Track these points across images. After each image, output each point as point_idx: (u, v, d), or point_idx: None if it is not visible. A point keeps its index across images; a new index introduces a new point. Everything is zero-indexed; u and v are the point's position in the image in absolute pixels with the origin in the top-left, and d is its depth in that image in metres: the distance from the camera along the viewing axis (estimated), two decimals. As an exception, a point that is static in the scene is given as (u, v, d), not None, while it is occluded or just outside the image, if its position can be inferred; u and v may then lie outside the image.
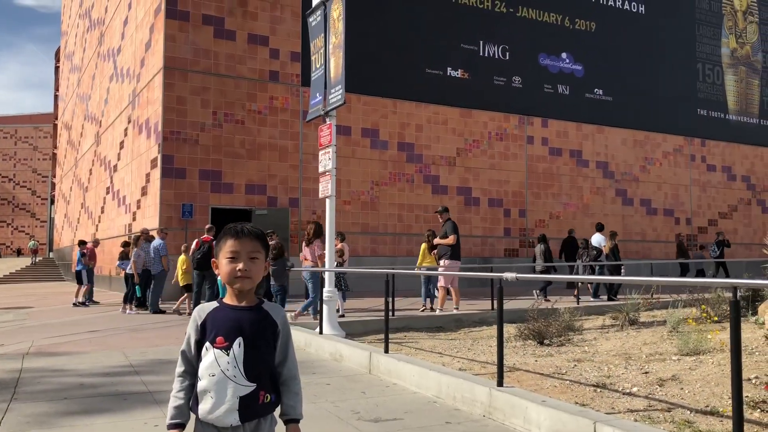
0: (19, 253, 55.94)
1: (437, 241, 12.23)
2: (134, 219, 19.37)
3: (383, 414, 4.93)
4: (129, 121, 20.73)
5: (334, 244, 9.80)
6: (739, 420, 3.38)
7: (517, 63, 22.18)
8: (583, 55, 23.61)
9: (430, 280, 12.65)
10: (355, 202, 19.15)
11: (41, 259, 43.04)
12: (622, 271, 16.03)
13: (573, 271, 16.01)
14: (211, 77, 17.44)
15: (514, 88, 22.13)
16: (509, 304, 11.28)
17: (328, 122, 9.43)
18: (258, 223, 16.32)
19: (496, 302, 5.46)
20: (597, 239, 16.13)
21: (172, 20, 17.09)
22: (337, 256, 11.11)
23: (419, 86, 20.39)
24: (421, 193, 20.23)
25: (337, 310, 10.32)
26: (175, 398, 2.20)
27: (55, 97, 49.46)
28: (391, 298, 8.06)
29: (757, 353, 6.26)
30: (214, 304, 2.27)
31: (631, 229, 24.03)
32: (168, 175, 16.77)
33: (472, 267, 17.96)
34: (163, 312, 13.36)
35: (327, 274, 9.28)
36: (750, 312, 8.66)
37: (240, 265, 2.22)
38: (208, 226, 13.46)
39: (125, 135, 21.22)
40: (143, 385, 6.03)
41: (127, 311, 13.61)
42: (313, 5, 10.18)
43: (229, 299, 2.27)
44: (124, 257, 15.03)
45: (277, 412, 2.29)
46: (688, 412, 4.41)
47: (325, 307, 8.92)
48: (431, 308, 12.30)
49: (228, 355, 2.17)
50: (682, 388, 5.10)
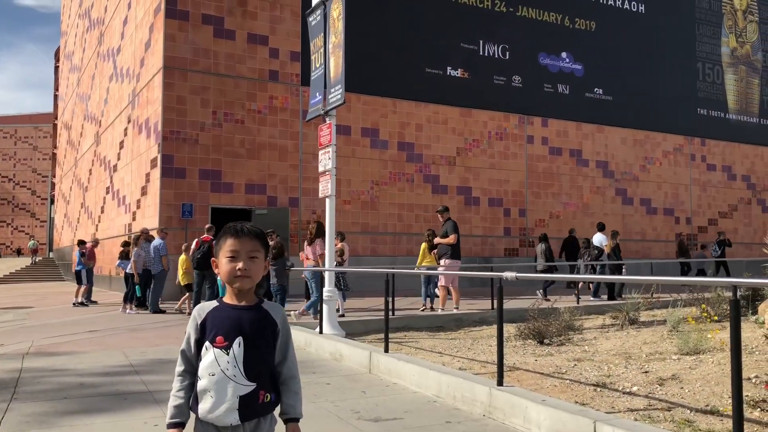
0: (19, 252, 55.92)
1: (438, 240, 12.23)
2: (134, 219, 19.37)
3: (383, 413, 4.93)
4: (129, 121, 20.73)
5: (334, 244, 9.81)
6: (739, 419, 3.38)
7: (517, 62, 22.17)
8: (583, 55, 23.60)
9: (430, 280, 12.64)
10: (355, 202, 19.15)
11: (41, 259, 43.04)
12: (623, 271, 16.03)
13: (574, 271, 16.02)
14: (210, 77, 17.44)
15: (514, 87, 22.13)
16: (509, 304, 11.30)
17: (328, 122, 9.43)
18: (258, 222, 16.32)
19: (496, 302, 5.45)
20: (598, 239, 16.15)
21: (172, 20, 17.09)
22: (337, 256, 11.10)
23: (419, 86, 20.39)
24: (421, 193, 20.23)
25: (337, 310, 10.32)
26: (175, 397, 2.20)
27: (55, 97, 49.45)
28: (391, 298, 8.06)
29: (757, 352, 6.26)
30: (214, 304, 2.27)
31: (631, 229, 24.03)
32: (168, 174, 16.77)
33: (472, 266, 17.97)
34: (163, 312, 13.36)
35: (327, 273, 9.29)
36: (750, 311, 8.66)
37: (240, 265, 2.21)
38: (207, 226, 13.46)
39: (125, 135, 21.22)
40: (143, 385, 6.03)
41: (127, 311, 13.62)
42: (313, 5, 10.18)
43: (228, 298, 2.27)
44: (125, 257, 15.04)
45: (277, 411, 2.29)
46: (688, 412, 4.41)
47: (325, 306, 8.92)
48: (431, 308, 12.29)
49: (228, 354, 2.16)
50: (682, 388, 5.10)
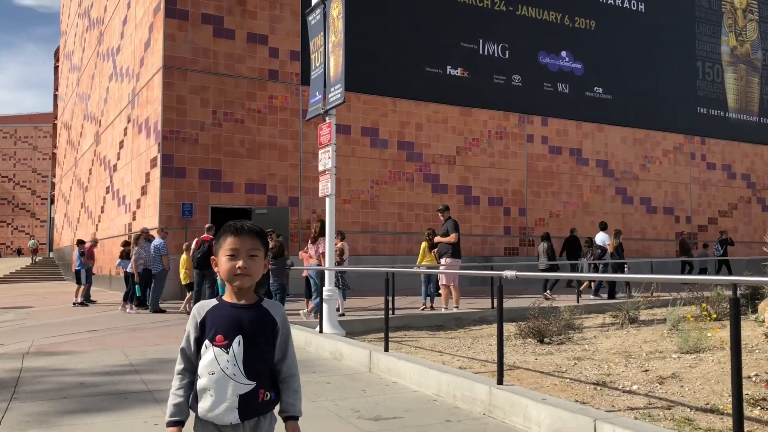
0: (19, 252, 55.93)
1: (438, 239, 12.21)
2: (134, 218, 19.37)
3: (383, 412, 4.93)
4: (128, 121, 20.73)
5: (334, 243, 9.81)
6: (739, 417, 3.37)
7: (517, 61, 22.17)
8: (583, 54, 23.60)
9: (430, 279, 12.64)
10: (355, 201, 19.15)
11: (41, 258, 43.04)
12: (625, 270, 16.03)
13: (576, 270, 16.04)
14: (210, 76, 17.44)
15: (514, 86, 22.12)
16: (509, 303, 11.30)
17: (328, 121, 9.42)
18: (258, 222, 16.26)
19: (496, 300, 5.45)
20: (601, 238, 16.17)
21: (172, 19, 17.08)
22: (336, 255, 11.10)
23: (419, 85, 20.38)
24: (421, 192, 20.23)
25: (337, 309, 10.32)
26: (175, 396, 2.20)
27: (55, 97, 49.43)
28: (391, 297, 8.05)
29: (757, 351, 6.26)
30: (214, 302, 2.27)
31: (631, 228, 24.02)
32: (168, 174, 16.77)
33: (472, 266, 17.97)
34: (163, 311, 13.35)
35: (327, 272, 9.29)
36: (750, 310, 8.66)
37: (239, 263, 2.21)
38: (207, 226, 13.45)
39: (125, 134, 21.21)
40: (143, 384, 6.03)
41: (127, 310, 13.62)
42: (313, 4, 10.17)
43: (228, 297, 2.27)
44: (125, 256, 15.04)
45: (277, 409, 2.29)
46: (689, 410, 4.41)
47: (325, 306, 8.92)
48: (431, 307, 12.29)
49: (227, 353, 2.16)
50: (683, 386, 5.10)
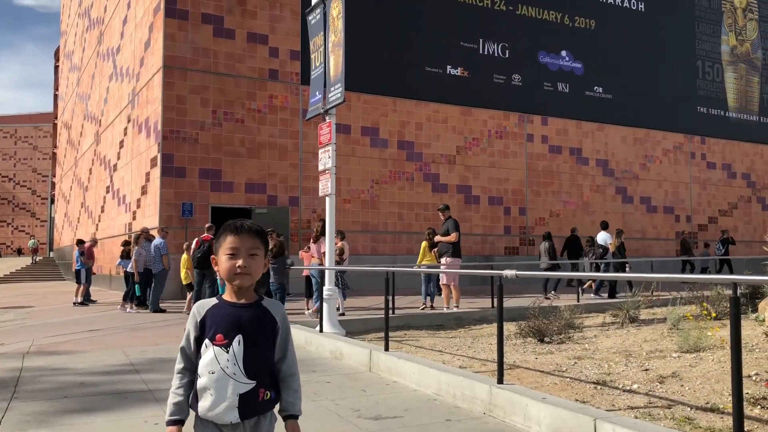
0: (19, 252, 55.93)
1: (438, 238, 12.20)
2: (134, 218, 19.37)
3: (383, 412, 4.93)
4: (129, 121, 20.73)
5: (334, 243, 9.81)
6: (739, 416, 3.38)
7: (517, 61, 22.17)
8: (583, 53, 23.59)
9: (430, 279, 12.64)
10: (355, 201, 19.15)
11: (41, 258, 43.04)
12: (627, 269, 16.03)
13: (577, 269, 16.03)
14: (210, 76, 17.44)
15: (514, 86, 22.12)
16: (510, 302, 11.30)
17: (328, 120, 9.42)
18: (258, 222, 16.28)
19: (496, 300, 5.45)
20: (603, 237, 16.17)
21: (172, 19, 17.08)
22: (336, 255, 11.10)
23: (419, 84, 20.38)
24: (421, 192, 20.23)
25: (338, 309, 10.32)
26: (175, 395, 2.20)
27: (55, 97, 49.42)
28: (391, 297, 8.06)
29: (757, 350, 6.26)
30: (214, 301, 2.27)
31: (631, 227, 24.02)
32: (168, 174, 16.77)
33: (472, 265, 17.97)
34: (164, 311, 13.36)
35: (327, 272, 9.29)
36: (750, 309, 8.66)
37: (239, 262, 2.21)
38: (208, 225, 13.45)
39: (125, 134, 21.21)
40: (143, 384, 6.04)
41: (128, 310, 13.63)
42: (313, 3, 10.17)
43: (228, 296, 2.27)
44: (125, 256, 15.04)
45: (277, 408, 2.29)
46: (689, 409, 4.41)
47: (325, 305, 8.92)
48: (431, 306, 12.29)
49: (227, 352, 2.16)
50: (683, 385, 5.10)
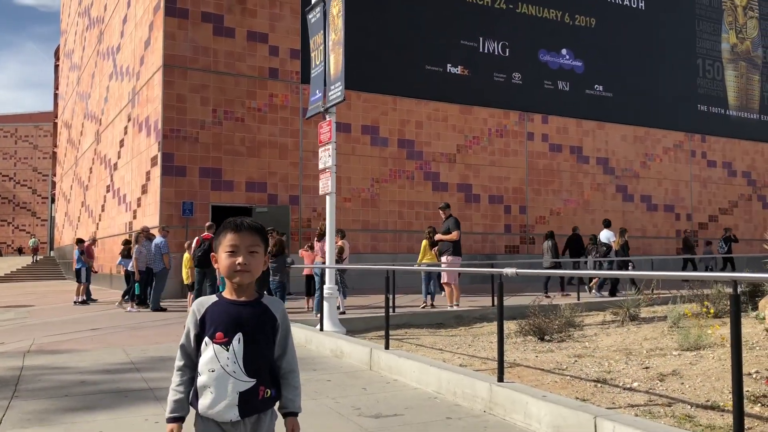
0: (20, 251, 55.95)
1: (439, 236, 12.19)
2: (135, 217, 19.37)
3: (384, 410, 4.94)
4: (129, 119, 20.72)
5: (335, 242, 9.82)
6: (739, 414, 3.38)
7: (517, 59, 22.15)
8: (584, 52, 23.57)
9: (431, 277, 12.64)
10: (356, 199, 19.15)
11: (42, 257, 43.05)
12: (630, 267, 16.02)
13: (580, 268, 16.02)
14: (210, 75, 17.43)
15: (514, 84, 22.11)
16: (510, 301, 11.29)
17: (328, 119, 9.42)
18: (258, 220, 16.31)
19: (496, 298, 5.46)
20: (605, 235, 16.16)
21: (171, 18, 17.07)
22: (336, 254, 11.10)
23: (419, 83, 20.37)
24: (421, 190, 20.22)
25: (338, 307, 10.32)
26: (175, 392, 2.20)
27: (55, 96, 49.42)
28: (391, 295, 8.06)
29: (757, 348, 6.26)
30: (213, 298, 2.27)
31: (632, 225, 24.00)
32: (168, 173, 16.77)
33: (473, 264, 17.97)
34: (164, 310, 13.37)
35: (327, 270, 9.30)
36: (750, 307, 8.66)
37: (239, 259, 2.21)
38: (208, 224, 13.45)
39: (125, 133, 21.21)
40: (144, 382, 6.04)
41: (128, 309, 13.64)
42: (313, 2, 10.16)
43: (228, 294, 2.27)
44: (126, 255, 15.05)
45: (277, 405, 2.29)
46: (689, 407, 4.41)
47: (325, 304, 8.93)
48: (432, 305, 12.30)
49: (228, 350, 2.16)
50: (683, 383, 5.10)
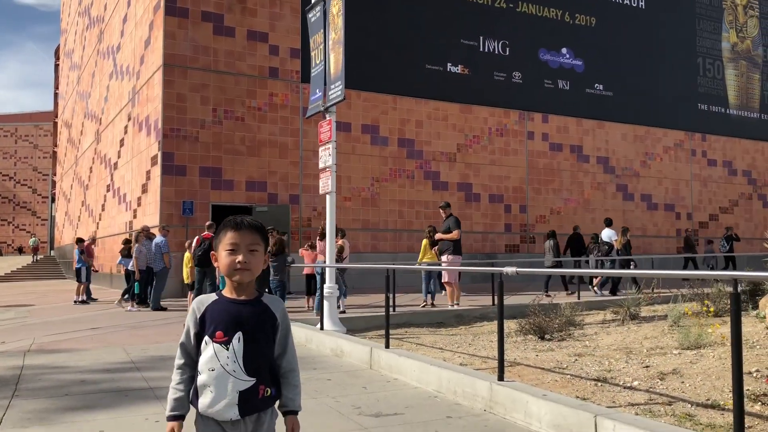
0: (20, 251, 55.97)
1: (440, 235, 12.19)
2: (135, 216, 19.37)
3: (384, 409, 4.94)
4: (129, 119, 20.72)
5: (335, 241, 9.82)
6: (739, 413, 3.38)
7: (517, 58, 22.14)
8: (584, 51, 23.56)
9: (431, 276, 12.64)
10: (356, 199, 19.14)
11: (42, 257, 43.05)
12: (632, 267, 16.01)
13: (581, 267, 16.01)
14: (210, 74, 17.42)
15: (515, 83, 22.10)
16: (510, 300, 11.29)
17: (328, 118, 9.42)
18: (258, 220, 16.34)
19: (496, 297, 5.46)
20: (607, 234, 16.15)
21: (172, 17, 17.06)
22: (336, 253, 11.09)
23: (419, 82, 20.35)
24: (421, 189, 20.22)
25: (338, 306, 10.32)
26: (175, 390, 2.20)
27: (55, 95, 49.42)
28: (392, 294, 8.06)
29: (758, 347, 6.26)
30: (213, 297, 2.27)
31: (632, 224, 23.96)
32: (168, 172, 16.76)
33: (473, 263, 17.97)
34: (164, 309, 13.37)
35: (328, 269, 9.30)
36: (751, 306, 8.67)
37: (239, 257, 2.21)
38: (208, 223, 13.45)
39: (125, 132, 21.21)
40: (144, 381, 6.04)
41: (128, 308, 13.64)
42: (312, 1, 10.16)
43: (228, 292, 2.27)
44: (126, 254, 15.05)
45: (277, 404, 2.28)
46: (689, 406, 4.41)
47: (326, 303, 8.93)
48: (432, 304, 12.29)
49: (227, 349, 2.16)
50: (683, 382, 5.10)
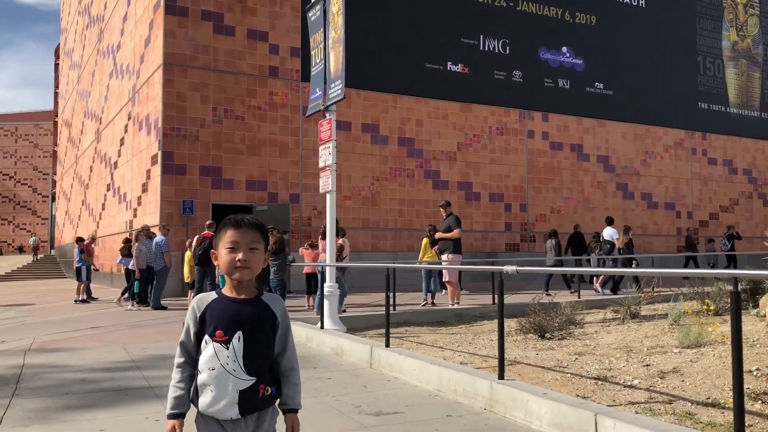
0: (20, 250, 55.98)
1: (440, 235, 12.18)
2: (135, 216, 19.37)
3: (384, 407, 4.94)
4: (129, 118, 20.72)
5: (335, 240, 9.81)
6: (740, 411, 3.37)
7: (518, 57, 22.13)
8: (584, 50, 23.55)
9: (431, 275, 12.64)
10: (356, 198, 19.14)
11: (42, 256, 43.06)
12: (634, 265, 16.00)
13: (582, 266, 16.01)
14: (210, 73, 17.41)
15: (515, 82, 22.09)
16: (510, 299, 11.28)
17: (328, 117, 9.41)
18: (259, 218, 16.34)
19: (497, 296, 5.45)
20: (609, 233, 16.15)
21: (172, 16, 17.05)
22: (336, 252, 11.08)
23: (419, 81, 20.35)
24: (421, 188, 20.21)
25: (341, 309, 10.32)
26: (175, 388, 2.20)
27: (55, 95, 49.41)
28: (392, 293, 8.06)
29: (758, 345, 6.26)
30: (213, 295, 2.26)
31: (632, 223, 23.89)
32: (168, 171, 16.76)
33: (473, 262, 17.97)
34: (165, 308, 13.37)
35: (328, 268, 9.30)
36: (751, 305, 8.66)
37: (239, 255, 2.21)
38: (208, 222, 13.45)
39: (125, 131, 21.20)
40: (144, 380, 6.04)
41: (129, 307, 13.64)
42: (312, 0, 10.15)
43: (228, 291, 2.26)
44: (126, 253, 15.06)
45: (278, 403, 2.28)
46: (690, 404, 4.41)
47: (326, 302, 8.92)
48: (432, 303, 12.29)
49: (228, 349, 2.16)
50: (684, 381, 5.10)
